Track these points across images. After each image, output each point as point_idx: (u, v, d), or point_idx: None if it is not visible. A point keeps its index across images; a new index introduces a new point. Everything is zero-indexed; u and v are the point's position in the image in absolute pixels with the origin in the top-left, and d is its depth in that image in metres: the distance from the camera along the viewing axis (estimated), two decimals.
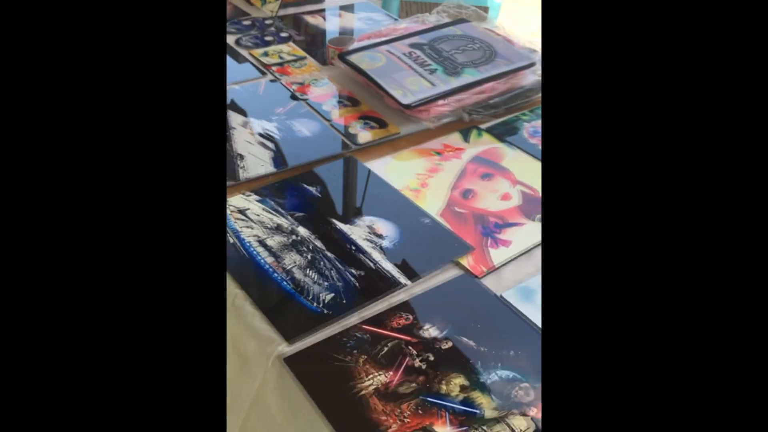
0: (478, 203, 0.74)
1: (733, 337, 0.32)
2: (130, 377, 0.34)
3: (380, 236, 0.68)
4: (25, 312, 0.33)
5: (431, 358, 0.55)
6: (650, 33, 0.35)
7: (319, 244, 0.66)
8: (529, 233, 0.70)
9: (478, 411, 0.51)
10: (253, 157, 0.79)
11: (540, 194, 0.76)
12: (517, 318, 0.60)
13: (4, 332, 0.33)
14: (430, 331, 0.58)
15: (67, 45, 0.35)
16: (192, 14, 0.37)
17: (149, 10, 0.36)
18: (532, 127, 0.89)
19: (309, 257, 0.65)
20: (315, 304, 0.60)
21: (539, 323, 0.59)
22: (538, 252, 0.68)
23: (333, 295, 0.61)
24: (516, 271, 0.66)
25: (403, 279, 0.63)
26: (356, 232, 0.68)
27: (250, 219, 0.69)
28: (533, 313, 0.60)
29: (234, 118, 0.86)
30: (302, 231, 0.68)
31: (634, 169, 0.35)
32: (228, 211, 0.70)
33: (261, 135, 0.83)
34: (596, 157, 0.36)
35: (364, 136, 0.85)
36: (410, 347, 0.56)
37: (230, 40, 1.09)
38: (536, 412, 0.51)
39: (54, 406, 0.33)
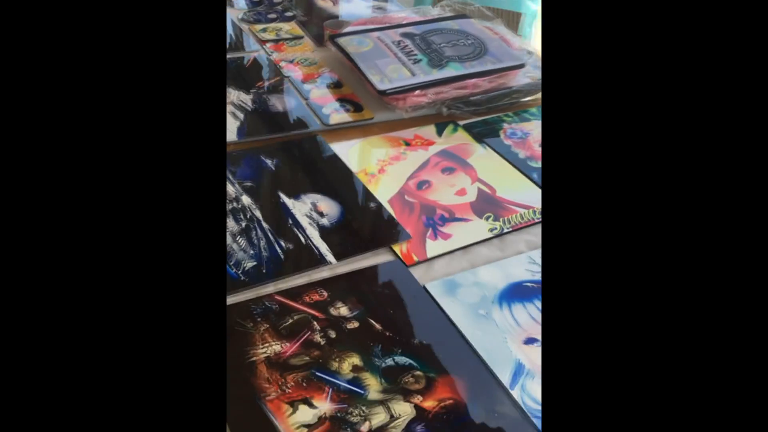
0: (431, 195, 0.73)
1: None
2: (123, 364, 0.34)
3: (321, 214, 0.68)
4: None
5: (333, 335, 0.55)
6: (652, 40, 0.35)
7: (258, 214, 0.67)
8: (473, 230, 0.69)
9: (362, 391, 0.51)
10: None
11: (497, 194, 0.75)
12: (435, 309, 0.59)
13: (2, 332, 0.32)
14: (341, 310, 0.58)
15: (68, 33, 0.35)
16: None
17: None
18: (510, 129, 0.88)
19: (243, 225, 0.65)
20: (235, 269, 0.60)
21: (454, 316, 0.58)
22: (476, 249, 0.67)
23: (256, 263, 0.61)
24: (448, 265, 0.65)
25: (330, 257, 0.63)
26: (299, 207, 0.69)
27: None
28: (451, 306, 0.59)
29: None
30: (245, 200, 0.69)
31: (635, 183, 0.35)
32: None
33: (234, 105, 0.84)
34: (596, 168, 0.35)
35: (337, 117, 0.85)
36: (316, 322, 0.56)
37: (234, 14, 1.11)
38: (421, 400, 0.50)
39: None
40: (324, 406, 0.49)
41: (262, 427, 0.47)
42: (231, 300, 0.57)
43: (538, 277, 0.64)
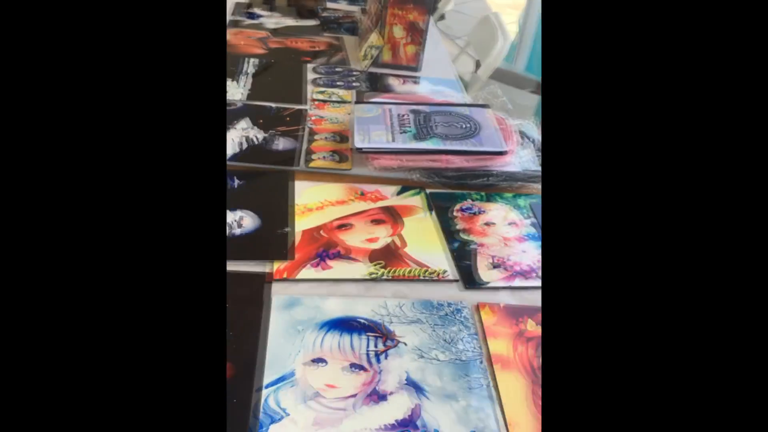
0: (344, 235, 0.82)
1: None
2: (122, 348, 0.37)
3: (240, 225, 0.81)
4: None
5: None
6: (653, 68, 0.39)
7: None
8: (354, 269, 0.76)
9: None
10: None
11: (404, 251, 0.81)
12: (263, 315, 0.67)
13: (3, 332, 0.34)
14: None
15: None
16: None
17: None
18: (468, 204, 0.92)
19: None
20: None
21: (274, 325, 0.66)
22: (345, 285, 0.74)
23: None
24: (310, 288, 0.72)
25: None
26: (229, 215, 0.82)
27: None
28: (279, 317, 0.67)
29: (241, 123, 1.07)
30: None
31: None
32: None
33: (245, 138, 1.02)
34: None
35: (319, 162, 0.98)
36: None
37: (311, 77, 1.32)
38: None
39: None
40: None
41: None
42: None
43: (377, 318, 0.69)
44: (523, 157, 1.01)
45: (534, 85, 2.08)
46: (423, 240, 0.84)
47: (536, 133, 1.10)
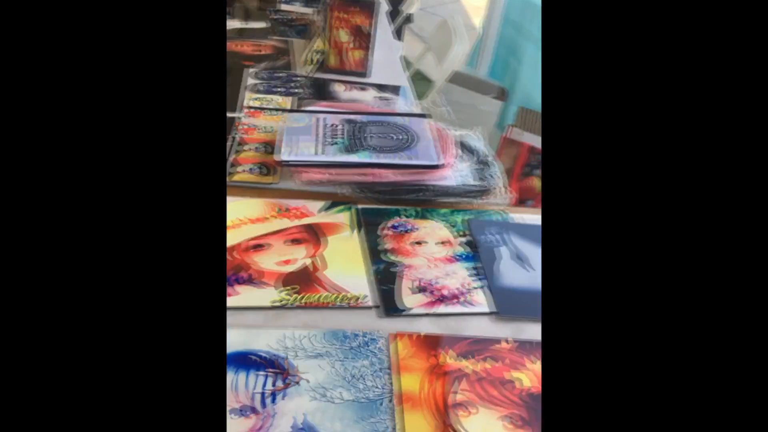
0: (256, 257, 0.76)
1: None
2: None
3: None
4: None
5: None
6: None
7: None
8: (258, 296, 0.70)
9: None
10: None
11: (321, 274, 0.75)
12: None
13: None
14: None
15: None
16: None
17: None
18: (399, 221, 0.87)
19: None
20: None
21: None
22: (249, 314, 0.68)
23: None
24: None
25: None
26: None
27: None
28: None
29: None
30: None
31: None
32: None
33: None
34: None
35: (241, 176, 0.92)
36: None
37: (250, 82, 1.25)
38: None
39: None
40: None
41: None
42: None
43: (275, 352, 0.63)
44: (461, 171, 0.96)
45: (497, 90, 2.03)
46: (345, 261, 0.78)
47: (479, 144, 1.05)
